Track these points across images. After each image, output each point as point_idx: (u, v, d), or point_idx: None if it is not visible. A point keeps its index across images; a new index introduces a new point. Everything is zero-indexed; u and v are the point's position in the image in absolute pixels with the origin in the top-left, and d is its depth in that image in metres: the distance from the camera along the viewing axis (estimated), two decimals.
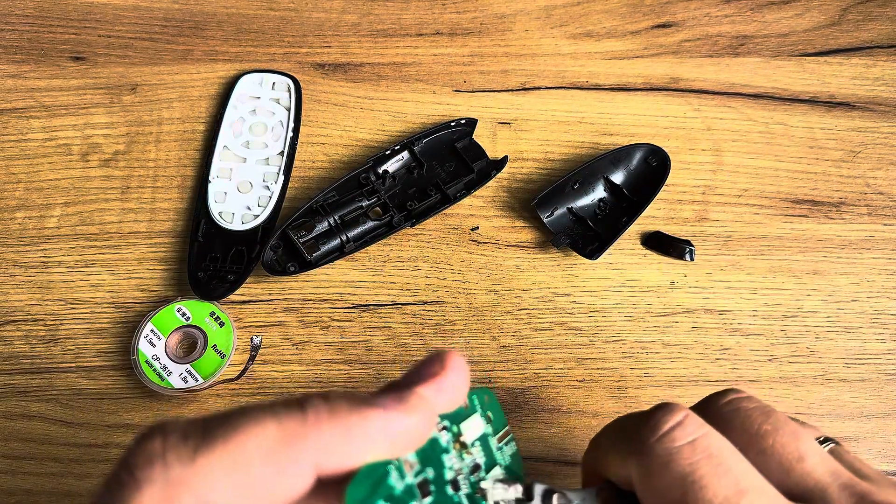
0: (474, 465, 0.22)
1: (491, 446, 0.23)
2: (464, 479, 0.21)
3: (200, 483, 0.15)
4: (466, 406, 0.22)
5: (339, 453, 0.16)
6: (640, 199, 0.41)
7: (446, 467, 0.21)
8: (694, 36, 0.47)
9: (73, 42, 0.46)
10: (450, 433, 0.21)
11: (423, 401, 0.18)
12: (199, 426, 0.16)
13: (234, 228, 0.40)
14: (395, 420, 0.17)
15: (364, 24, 0.47)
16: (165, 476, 0.15)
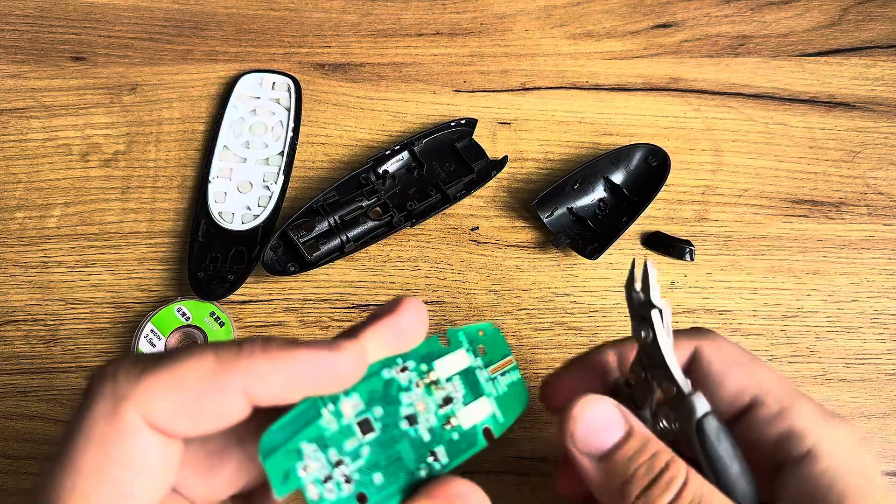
0: (445, 399, 0.23)
1: (478, 378, 0.24)
2: (427, 413, 0.22)
3: (143, 398, 0.17)
4: (447, 344, 0.24)
5: (268, 383, 0.18)
6: (640, 199, 0.41)
7: (402, 404, 0.22)
8: (694, 36, 0.47)
9: (73, 42, 0.46)
10: (414, 371, 0.22)
11: (354, 343, 0.19)
12: (150, 356, 0.18)
13: (234, 228, 0.40)
14: (321, 357, 0.19)
15: (364, 24, 0.47)
16: (114, 392, 0.18)
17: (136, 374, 0.18)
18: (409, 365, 0.22)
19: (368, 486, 0.21)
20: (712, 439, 0.22)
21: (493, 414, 0.24)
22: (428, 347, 0.23)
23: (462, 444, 0.23)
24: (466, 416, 0.23)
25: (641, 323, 0.24)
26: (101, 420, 0.17)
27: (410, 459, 0.22)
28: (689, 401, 0.23)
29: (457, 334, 0.24)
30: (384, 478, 0.21)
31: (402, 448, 0.22)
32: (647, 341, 0.23)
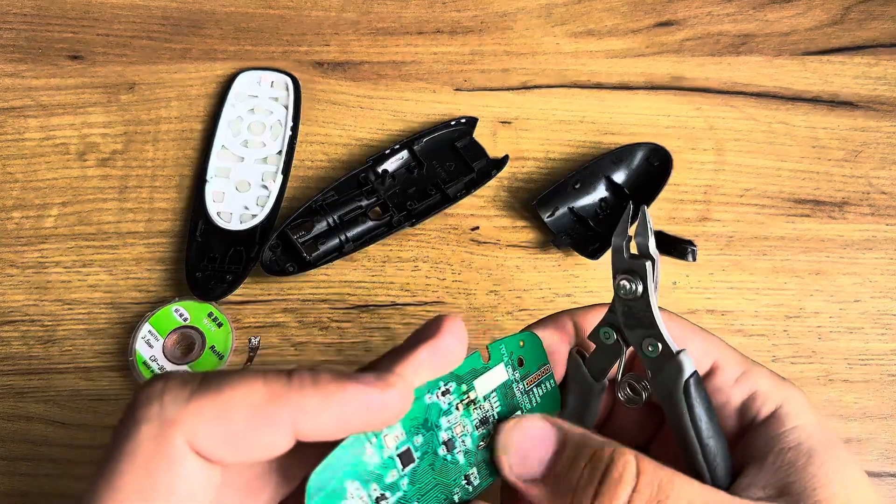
0: (482, 419, 0.23)
1: (514, 392, 0.24)
2: (464, 436, 0.22)
3: (191, 425, 0.17)
4: (487, 360, 0.23)
5: (317, 418, 0.18)
6: (641, 198, 0.41)
7: (441, 429, 0.22)
8: (696, 35, 0.47)
9: (70, 41, 0.46)
10: (455, 394, 0.22)
11: (401, 379, 0.19)
12: (198, 377, 0.18)
13: (233, 228, 0.39)
14: (371, 395, 0.18)
15: (363, 23, 0.47)
16: (161, 415, 0.17)
17: (185, 398, 0.17)
18: (451, 387, 0.22)
19: None
20: (699, 400, 0.22)
21: None
22: (470, 365, 0.23)
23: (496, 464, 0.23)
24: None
25: (628, 275, 0.22)
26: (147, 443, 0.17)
27: (447, 485, 0.22)
28: (677, 360, 0.22)
29: (498, 348, 0.24)
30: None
31: (438, 475, 0.22)
32: (633, 296, 0.22)
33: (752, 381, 0.24)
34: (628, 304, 0.23)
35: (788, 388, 0.24)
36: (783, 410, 0.23)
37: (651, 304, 0.22)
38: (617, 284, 0.23)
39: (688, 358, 0.22)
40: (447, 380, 0.22)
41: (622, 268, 0.23)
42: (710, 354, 0.24)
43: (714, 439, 0.22)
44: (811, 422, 0.23)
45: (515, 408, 0.24)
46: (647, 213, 0.22)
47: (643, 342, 0.23)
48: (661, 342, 0.22)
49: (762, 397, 0.24)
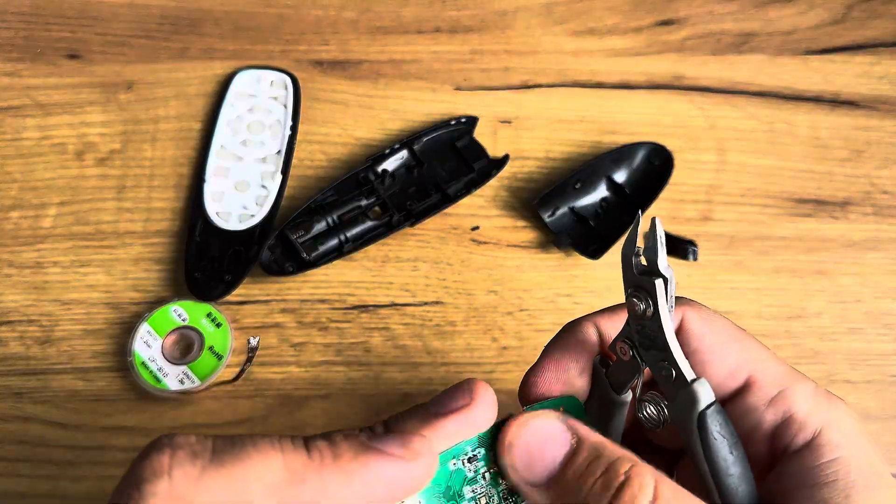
0: (510, 489, 0.21)
1: None
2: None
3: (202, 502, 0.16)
4: None
5: (339, 497, 0.17)
6: (642, 198, 0.40)
7: (465, 499, 0.20)
8: (697, 33, 0.47)
9: (68, 40, 0.46)
10: (483, 461, 0.21)
11: (427, 446, 0.18)
12: (209, 447, 0.17)
13: (232, 228, 0.39)
14: (395, 468, 0.17)
15: (363, 21, 0.47)
16: (170, 492, 0.16)
17: (197, 473, 0.16)
18: (478, 454, 0.21)
19: None
20: (714, 434, 0.19)
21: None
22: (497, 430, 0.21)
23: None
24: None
25: (639, 293, 0.20)
26: None
27: None
28: (691, 389, 0.20)
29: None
30: None
31: None
32: (644, 315, 0.20)
33: (790, 401, 0.21)
34: (641, 322, 0.21)
35: (834, 411, 0.21)
36: (823, 439, 0.20)
37: (664, 327, 0.20)
38: (628, 300, 0.21)
39: (704, 387, 0.20)
40: (475, 445, 0.20)
41: (632, 283, 0.20)
42: (744, 367, 0.22)
43: (737, 477, 0.20)
44: (855, 453, 0.20)
45: None
46: (659, 225, 0.20)
47: (657, 365, 0.20)
48: (674, 368, 0.20)
49: (799, 422, 0.21)
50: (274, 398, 0.37)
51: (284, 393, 0.37)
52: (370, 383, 0.37)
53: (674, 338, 0.20)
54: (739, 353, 0.22)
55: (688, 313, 0.22)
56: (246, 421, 0.36)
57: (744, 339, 0.22)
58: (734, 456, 0.20)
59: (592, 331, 0.23)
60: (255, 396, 0.37)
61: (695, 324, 0.22)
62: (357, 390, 0.37)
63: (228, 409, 0.36)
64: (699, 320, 0.22)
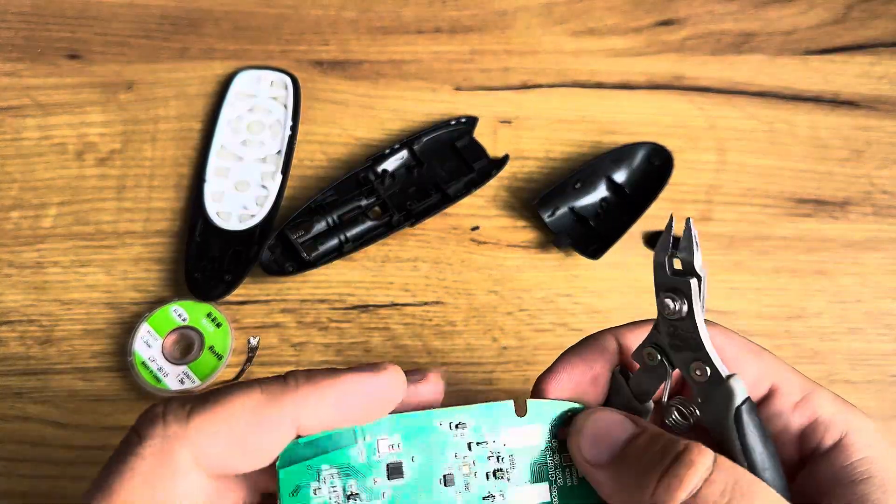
0: (495, 472, 0.21)
1: (546, 461, 0.22)
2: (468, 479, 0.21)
3: (194, 438, 0.18)
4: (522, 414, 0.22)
5: (316, 410, 0.19)
6: (642, 198, 0.40)
7: (445, 461, 0.21)
8: (697, 33, 0.47)
9: (68, 40, 0.46)
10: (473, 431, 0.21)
11: (393, 369, 0.20)
12: (196, 397, 0.19)
13: (232, 228, 0.39)
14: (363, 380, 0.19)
15: (363, 21, 0.47)
16: (164, 432, 0.18)
17: (186, 414, 0.18)
18: (470, 423, 0.21)
19: None
20: (752, 428, 0.20)
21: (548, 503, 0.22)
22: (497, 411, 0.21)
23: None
24: (516, 497, 0.21)
25: (672, 294, 0.20)
26: (150, 459, 0.17)
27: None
28: (727, 385, 0.20)
29: (539, 406, 0.22)
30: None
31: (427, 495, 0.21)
32: (677, 316, 0.20)
33: (814, 405, 0.22)
34: (673, 324, 0.21)
35: (854, 415, 0.22)
36: (849, 439, 0.21)
37: (698, 325, 0.20)
38: (660, 302, 0.21)
39: (739, 383, 0.20)
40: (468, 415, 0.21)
41: (665, 285, 0.21)
42: (767, 377, 0.23)
43: (770, 471, 0.20)
44: (882, 453, 0.21)
45: (543, 478, 0.22)
46: (693, 227, 0.20)
47: (690, 366, 0.21)
48: (709, 366, 0.20)
49: (825, 424, 0.22)
50: None
51: None
52: None
53: (707, 336, 0.21)
54: (760, 363, 0.23)
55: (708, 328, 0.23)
56: None
57: (762, 352, 0.23)
58: (768, 451, 0.20)
59: (612, 342, 0.24)
60: None
61: (716, 338, 0.23)
62: None
63: None
64: (719, 334, 0.23)
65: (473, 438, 0.21)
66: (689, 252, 0.20)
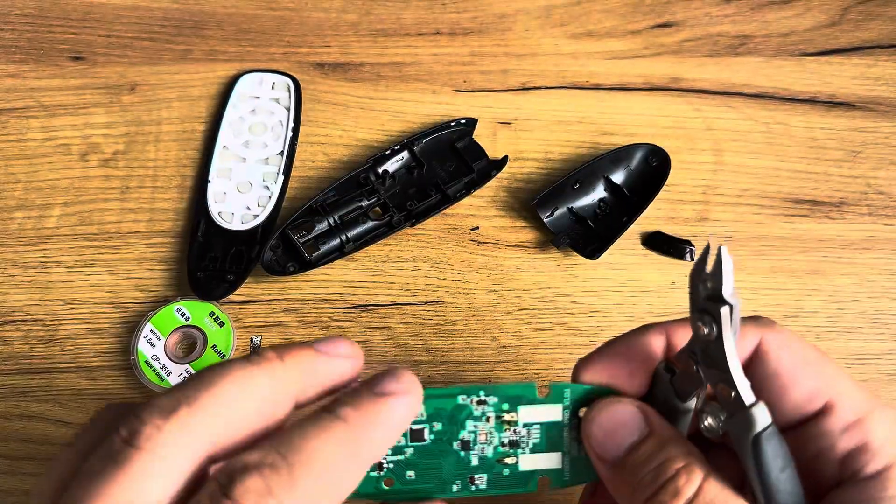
0: (512, 442, 0.23)
1: (562, 434, 0.24)
2: (486, 444, 0.23)
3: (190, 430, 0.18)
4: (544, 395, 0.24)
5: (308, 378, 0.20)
6: (640, 198, 0.41)
7: (465, 430, 0.23)
8: (694, 35, 0.47)
9: (72, 42, 0.46)
10: (493, 407, 0.23)
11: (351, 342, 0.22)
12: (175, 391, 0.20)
13: (234, 228, 0.40)
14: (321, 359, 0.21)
15: (364, 24, 0.47)
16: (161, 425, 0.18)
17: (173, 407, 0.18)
18: (490, 400, 0.23)
19: (398, 477, 0.23)
20: (769, 457, 0.20)
21: (560, 468, 0.24)
22: (520, 391, 0.23)
23: (509, 481, 0.24)
24: (528, 461, 0.24)
25: (704, 317, 0.21)
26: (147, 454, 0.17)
27: (449, 473, 0.23)
28: (749, 413, 0.20)
29: (561, 390, 0.24)
30: (415, 476, 0.23)
31: (445, 462, 0.23)
32: (707, 338, 0.21)
33: (868, 429, 0.21)
34: (703, 344, 0.21)
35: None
36: (893, 472, 0.20)
37: (727, 352, 0.20)
38: (693, 322, 0.21)
39: (761, 411, 0.20)
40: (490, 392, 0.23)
41: (699, 307, 0.21)
42: (823, 392, 0.22)
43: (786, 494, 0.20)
44: None
45: (557, 448, 0.24)
46: (726, 254, 0.20)
47: (717, 385, 0.21)
48: (734, 391, 0.21)
49: (873, 451, 0.21)
50: None
51: None
52: None
53: (737, 364, 0.21)
54: (818, 377, 0.22)
55: (767, 336, 0.23)
56: None
57: (823, 362, 0.22)
58: (785, 475, 0.20)
59: (660, 336, 0.24)
60: None
61: (773, 346, 0.22)
62: None
63: None
64: (778, 343, 0.22)
65: (493, 412, 0.23)
66: (719, 280, 0.20)
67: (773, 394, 0.22)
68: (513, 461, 0.23)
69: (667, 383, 0.23)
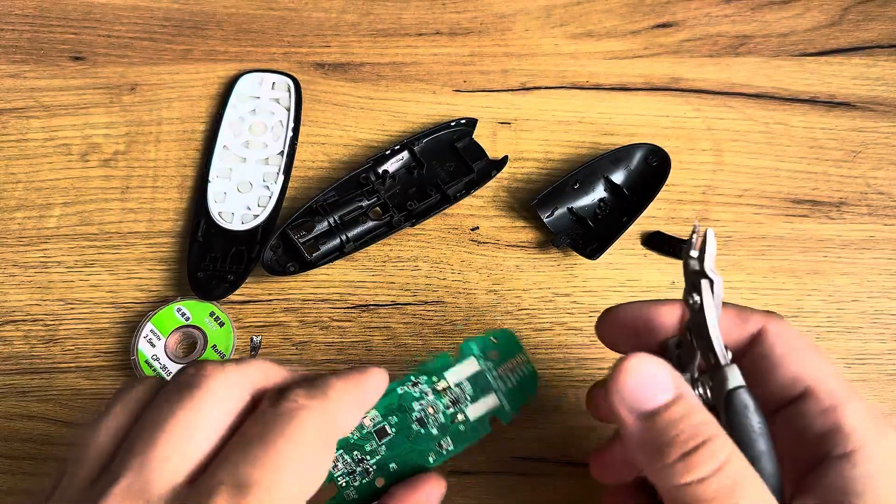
0: (453, 401, 0.29)
1: (487, 379, 0.29)
2: (436, 414, 0.28)
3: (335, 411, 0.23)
4: (455, 355, 0.29)
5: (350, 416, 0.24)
6: (640, 198, 0.41)
7: (414, 411, 0.28)
8: (694, 36, 0.47)
9: (72, 42, 0.46)
10: (426, 384, 0.28)
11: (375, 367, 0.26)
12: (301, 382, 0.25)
13: (234, 228, 0.40)
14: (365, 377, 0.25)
15: (364, 24, 0.47)
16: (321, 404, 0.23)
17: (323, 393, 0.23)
18: (421, 380, 0.28)
19: (386, 474, 0.27)
20: (739, 411, 0.22)
21: (500, 405, 0.29)
22: (439, 363, 0.29)
23: (468, 433, 0.28)
24: (473, 411, 0.29)
25: (692, 289, 0.24)
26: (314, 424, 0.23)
27: (421, 451, 0.28)
28: (722, 371, 0.23)
29: (468, 346, 0.29)
30: (397, 466, 0.28)
31: (414, 444, 0.28)
32: (694, 308, 0.24)
33: (841, 414, 0.23)
34: (694, 315, 0.24)
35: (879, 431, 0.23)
36: (862, 452, 0.22)
37: (707, 318, 0.23)
38: (685, 295, 0.24)
39: (733, 371, 0.23)
40: (418, 374, 0.28)
41: (688, 280, 0.24)
42: (804, 379, 0.24)
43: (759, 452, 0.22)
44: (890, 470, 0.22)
45: (489, 389, 0.29)
46: (711, 236, 0.23)
47: (705, 351, 0.24)
48: (711, 353, 0.23)
49: (845, 434, 0.23)
50: None
51: None
52: None
53: (715, 329, 0.23)
54: (804, 364, 0.24)
55: (769, 324, 0.25)
56: None
57: (812, 353, 0.25)
58: (757, 433, 0.22)
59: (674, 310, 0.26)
60: None
61: (771, 333, 0.25)
62: None
63: None
64: (777, 331, 0.25)
65: (428, 387, 0.28)
66: (702, 258, 0.24)
67: (762, 373, 0.24)
68: (462, 417, 0.28)
69: (675, 356, 0.25)
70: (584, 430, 0.37)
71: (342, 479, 0.27)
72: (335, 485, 0.27)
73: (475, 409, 0.28)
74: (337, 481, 0.27)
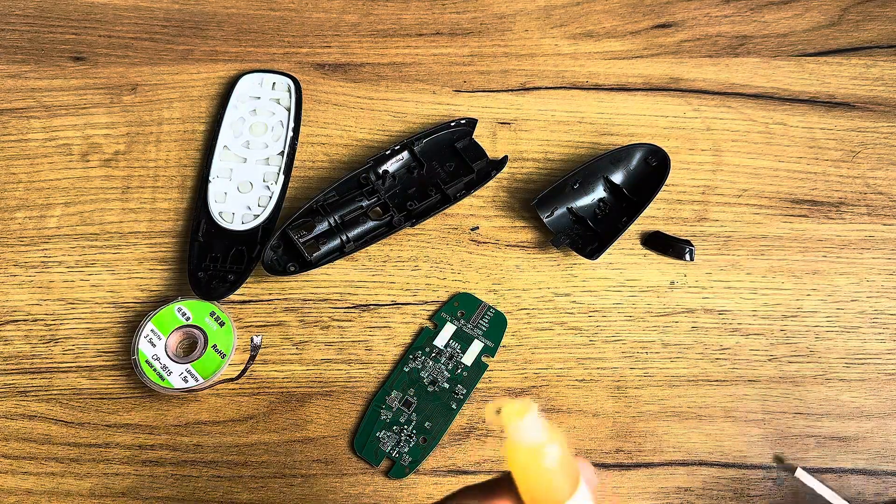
0: (448, 357, 0.37)
1: (465, 332, 0.38)
2: (441, 373, 0.37)
3: None
4: (435, 326, 0.38)
5: None
6: (639, 199, 0.41)
7: (424, 378, 0.37)
8: (693, 36, 0.47)
9: (73, 42, 0.46)
10: (423, 356, 0.37)
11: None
12: None
13: (235, 228, 0.40)
14: None
15: (364, 25, 0.47)
16: None
17: None
18: (417, 354, 0.37)
19: (425, 432, 0.36)
20: None
21: (484, 345, 0.38)
22: (424, 337, 0.38)
23: (471, 376, 0.37)
24: (467, 358, 0.37)
25: None
26: None
27: (444, 402, 0.36)
28: None
29: (440, 316, 0.38)
30: (431, 423, 0.36)
31: (435, 400, 0.36)
32: None
33: None
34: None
35: None
36: None
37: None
38: None
39: None
40: (413, 351, 0.37)
41: None
42: None
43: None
44: None
45: (470, 338, 0.38)
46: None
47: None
48: None
49: None
50: (276, 396, 0.37)
51: (287, 390, 0.37)
52: (371, 381, 0.38)
53: None
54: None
55: None
56: (249, 418, 0.37)
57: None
58: None
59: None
60: (257, 394, 0.37)
61: None
62: (358, 388, 0.37)
63: (232, 406, 0.37)
64: None
65: (425, 357, 0.37)
66: None
67: None
68: (461, 366, 0.37)
69: None
70: (584, 429, 0.37)
71: (394, 451, 0.35)
72: (388, 459, 0.35)
73: (468, 357, 0.37)
74: (390, 455, 0.35)
